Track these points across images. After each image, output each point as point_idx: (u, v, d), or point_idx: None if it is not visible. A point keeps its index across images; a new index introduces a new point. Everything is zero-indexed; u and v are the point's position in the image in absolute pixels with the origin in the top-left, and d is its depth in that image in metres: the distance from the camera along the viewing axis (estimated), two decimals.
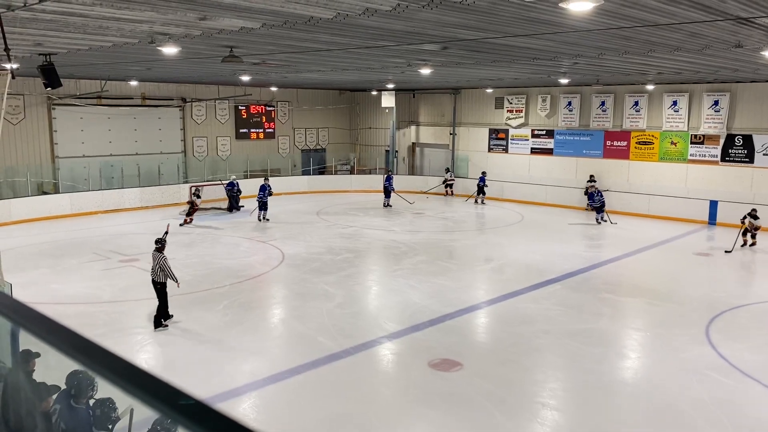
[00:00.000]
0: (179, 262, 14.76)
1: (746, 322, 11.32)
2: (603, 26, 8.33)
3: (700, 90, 21.07)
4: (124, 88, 23.33)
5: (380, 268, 15.35)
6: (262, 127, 28.17)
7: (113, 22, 8.18)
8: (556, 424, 7.64)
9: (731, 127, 20.68)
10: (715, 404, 7.93)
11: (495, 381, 8.61)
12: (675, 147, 21.91)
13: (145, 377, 0.88)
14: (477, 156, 27.41)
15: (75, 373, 3.69)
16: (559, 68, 15.42)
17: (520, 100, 25.64)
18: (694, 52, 11.01)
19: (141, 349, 9.83)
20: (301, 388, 8.31)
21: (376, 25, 8.27)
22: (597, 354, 9.57)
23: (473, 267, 15.14)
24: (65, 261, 14.81)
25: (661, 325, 11.07)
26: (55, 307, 11.32)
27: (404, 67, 15.41)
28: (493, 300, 12.21)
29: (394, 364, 9.49)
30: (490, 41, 9.98)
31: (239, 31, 8.73)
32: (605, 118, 23.43)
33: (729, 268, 15.36)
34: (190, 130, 25.82)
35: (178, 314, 11.12)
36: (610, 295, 12.61)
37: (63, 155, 22.30)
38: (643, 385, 8.65)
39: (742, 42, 9.57)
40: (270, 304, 12.49)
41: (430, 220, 21.15)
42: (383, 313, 11.45)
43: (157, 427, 3.63)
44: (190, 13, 7.42)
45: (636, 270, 14.97)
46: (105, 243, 16.75)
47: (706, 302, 12.17)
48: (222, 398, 7.88)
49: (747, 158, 20.42)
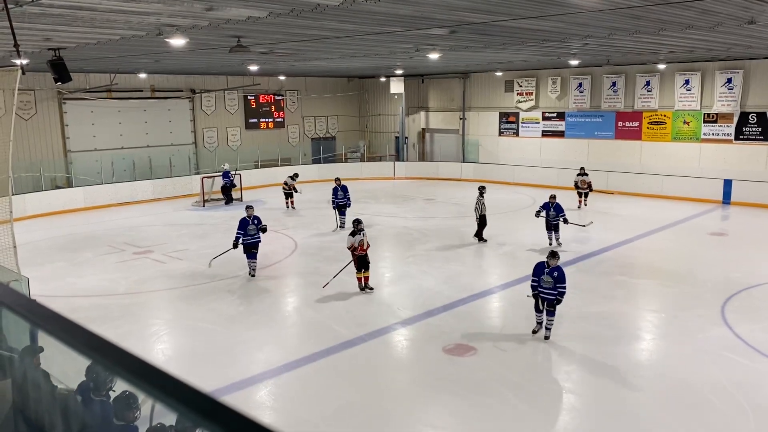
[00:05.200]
0: (193, 253, 14.88)
1: (761, 302, 11.23)
2: (613, 6, 8.23)
3: (712, 68, 20.79)
4: (133, 81, 23.39)
5: (393, 255, 15.35)
6: (272, 117, 28.17)
7: (121, 15, 8.19)
8: (572, 407, 7.64)
9: (745, 104, 20.40)
10: (732, 385, 7.89)
11: (510, 366, 8.62)
12: (688, 126, 21.67)
13: (160, 376, 0.88)
14: (487, 140, 27.28)
15: (92, 366, 3.73)
16: (569, 49, 15.26)
17: (530, 82, 25.43)
18: (706, 29, 10.85)
19: (157, 339, 9.92)
20: (317, 375, 8.37)
21: (384, 10, 8.22)
22: (612, 336, 9.54)
23: (486, 252, 15.11)
24: (80, 254, 14.95)
25: (675, 306, 11.01)
26: (72, 300, 11.45)
27: (412, 53, 15.32)
28: (507, 284, 12.19)
29: (408, 351, 9.52)
30: (498, 24, 9.88)
31: (246, 21, 8.70)
32: (616, 99, 23.20)
33: (744, 247, 15.22)
34: (200, 121, 25.87)
35: (193, 305, 11.21)
36: (624, 277, 12.55)
37: (75, 149, 22.44)
38: (659, 367, 8.62)
39: (755, 18, 9.41)
40: (284, 292, 12.54)
41: (442, 206, 21.11)
42: (397, 300, 11.47)
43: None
44: (197, 3, 7.40)
45: (649, 251, 14.87)
46: (119, 236, 16.88)
47: (721, 282, 12.08)
48: (238, 387, 7.96)
49: (762, 136, 20.16)
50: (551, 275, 9.17)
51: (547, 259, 9.33)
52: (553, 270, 9.18)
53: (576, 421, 7.35)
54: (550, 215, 14.93)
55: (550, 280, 9.18)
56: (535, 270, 9.41)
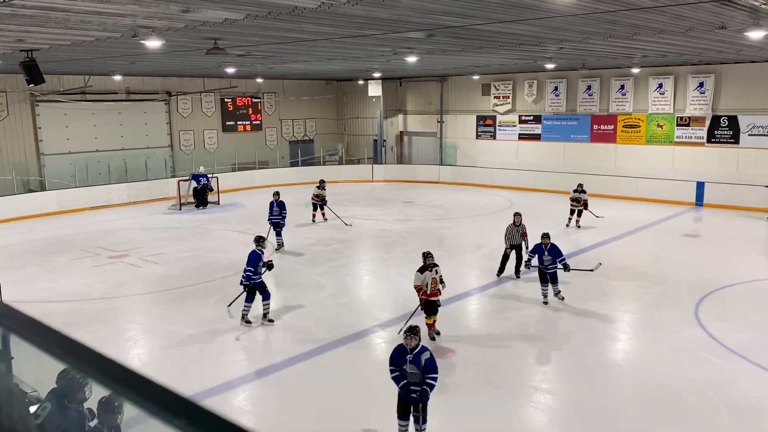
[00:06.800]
0: (170, 257, 14.72)
1: (734, 301, 11.45)
2: (587, 10, 8.33)
3: (685, 72, 21.16)
4: (108, 83, 23.09)
5: (371, 258, 15.36)
6: (249, 119, 28.00)
7: (95, 16, 8.09)
8: (549, 408, 7.71)
9: (716, 108, 20.80)
10: (706, 384, 8.02)
11: (488, 367, 8.67)
12: (661, 129, 22.02)
13: (137, 380, 0.88)
14: (465, 143, 27.43)
15: (64, 372, 3.66)
16: (544, 53, 15.42)
17: (507, 86, 25.63)
18: (678, 34, 11.04)
19: (134, 344, 9.80)
20: (296, 379, 8.33)
21: (361, 13, 8.23)
22: (588, 337, 9.65)
23: (464, 254, 15.18)
24: (54, 259, 14.71)
25: (650, 307, 11.17)
26: (46, 305, 11.25)
27: (390, 56, 15.35)
28: (485, 286, 12.26)
29: (387, 353, 9.48)
30: (475, 27, 9.96)
31: (223, 23, 8.65)
32: (592, 102, 23.48)
33: (717, 248, 15.49)
34: (176, 123, 25.63)
35: (170, 309, 11.09)
36: (600, 278, 12.69)
37: (48, 152, 22.07)
38: (634, 367, 8.74)
39: (726, 23, 9.60)
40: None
41: (420, 209, 21.17)
42: (375, 302, 11.48)
43: None
44: (173, 5, 7.34)
45: (625, 253, 15.07)
46: (94, 240, 16.64)
47: (695, 283, 12.28)
48: (216, 392, 7.89)
49: (732, 139, 20.56)
50: (551, 253, 10.73)
51: (542, 240, 10.90)
52: (551, 249, 10.79)
53: (554, 422, 7.42)
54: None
55: (549, 258, 10.69)
56: (535, 249, 11.08)
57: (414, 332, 6.57)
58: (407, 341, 6.56)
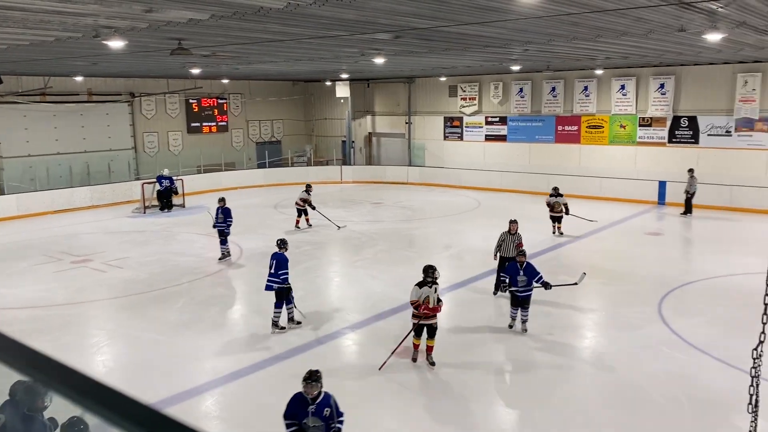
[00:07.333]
0: (134, 261, 14.46)
1: (696, 298, 11.73)
2: (551, 12, 8.45)
3: (646, 73, 21.60)
4: (69, 84, 22.58)
5: (341, 259, 15.32)
6: (215, 121, 27.68)
7: (55, 16, 7.90)
8: (517, 406, 7.78)
9: (677, 109, 21.28)
10: (669, 378, 8.20)
11: (457, 367, 8.71)
12: (624, 130, 22.44)
13: (98, 389, 0.85)
14: (433, 144, 27.55)
15: (19, 383, 3.55)
16: (510, 55, 15.58)
17: (473, 87, 25.83)
18: (639, 36, 11.27)
19: (98, 351, 9.60)
20: (265, 383, 8.25)
21: (328, 14, 8.20)
22: (554, 335, 9.77)
23: (433, 254, 15.21)
24: (14, 264, 14.32)
25: (615, 303, 11.38)
26: (6, 313, 10.95)
27: (357, 57, 15.33)
28: (454, 286, 12.32)
29: (357, 355, 9.50)
30: (442, 30, 10.01)
31: (187, 23, 8.53)
32: (556, 103, 23.82)
33: (679, 246, 15.85)
34: (140, 125, 25.19)
35: (135, 314, 10.89)
36: (566, 277, 12.82)
37: (7, 155, 21.49)
38: (600, 364, 8.88)
39: (685, 26, 9.83)
40: (230, 300, 12.33)
41: (388, 210, 21.19)
42: (345, 304, 11.44)
43: None
44: (136, 5, 7.22)
45: (590, 251, 15.30)
46: (56, 244, 16.25)
47: (658, 280, 12.54)
48: (183, 397, 7.77)
49: (692, 139, 21.07)
50: (526, 273, 9.57)
51: (517, 258, 9.76)
52: (526, 268, 9.60)
53: (521, 419, 7.49)
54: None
55: (524, 279, 9.55)
56: (509, 270, 9.79)
57: (315, 378, 5.61)
58: (307, 390, 5.57)
